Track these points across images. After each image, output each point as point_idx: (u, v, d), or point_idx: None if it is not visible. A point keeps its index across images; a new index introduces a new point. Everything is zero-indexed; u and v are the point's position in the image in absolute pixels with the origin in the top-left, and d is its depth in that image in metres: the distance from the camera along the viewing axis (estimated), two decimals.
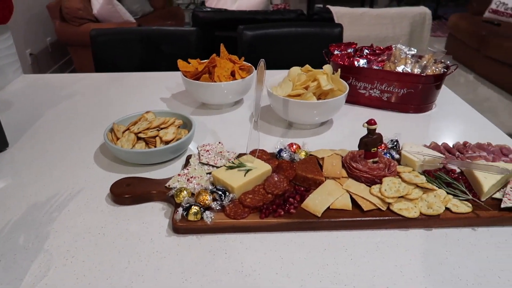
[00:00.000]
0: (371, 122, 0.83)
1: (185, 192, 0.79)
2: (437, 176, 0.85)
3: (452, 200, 0.80)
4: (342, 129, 1.15)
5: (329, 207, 0.78)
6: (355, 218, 0.77)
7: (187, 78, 1.21)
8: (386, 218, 0.77)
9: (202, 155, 0.91)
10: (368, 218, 0.77)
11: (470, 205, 0.79)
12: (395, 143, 0.96)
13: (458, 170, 0.89)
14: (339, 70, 1.15)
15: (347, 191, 0.81)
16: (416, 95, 1.20)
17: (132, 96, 1.40)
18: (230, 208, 0.78)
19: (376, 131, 0.85)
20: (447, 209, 0.78)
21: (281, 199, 0.81)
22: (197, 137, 1.10)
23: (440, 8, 6.65)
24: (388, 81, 1.21)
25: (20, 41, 3.54)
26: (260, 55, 1.92)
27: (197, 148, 0.94)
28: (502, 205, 0.78)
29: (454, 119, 1.20)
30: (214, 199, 0.80)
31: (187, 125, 1.06)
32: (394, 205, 0.78)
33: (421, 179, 0.82)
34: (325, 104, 1.05)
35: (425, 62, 1.26)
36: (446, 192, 0.81)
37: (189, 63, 1.25)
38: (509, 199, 0.78)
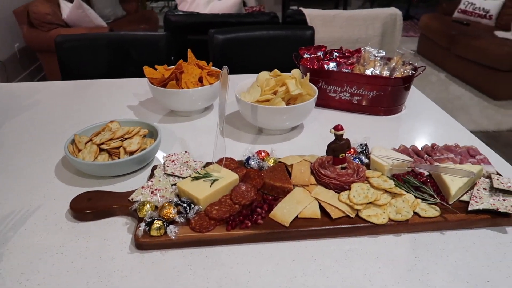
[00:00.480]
0: (338, 128, 0.81)
1: (148, 205, 0.76)
2: (406, 180, 0.84)
3: (420, 204, 0.79)
4: (312, 133, 1.14)
5: (297, 216, 0.77)
6: (323, 226, 0.75)
7: (154, 85, 1.18)
8: (355, 226, 0.75)
9: (167, 166, 0.88)
10: (337, 226, 0.75)
11: (438, 208, 0.78)
12: (364, 147, 0.95)
13: (426, 173, 0.89)
14: (308, 74, 1.14)
15: (316, 198, 0.80)
16: (385, 98, 1.20)
17: (97, 104, 1.35)
18: (196, 221, 0.75)
19: (344, 136, 0.84)
20: (415, 213, 0.78)
21: (249, 210, 0.78)
22: (165, 146, 1.07)
23: (411, 9, 6.78)
24: (357, 84, 1.20)
25: None
26: (232, 59, 1.90)
27: (163, 159, 0.91)
28: (469, 208, 0.78)
29: (423, 121, 1.21)
30: (179, 212, 0.77)
31: (153, 134, 1.02)
32: (363, 211, 0.77)
33: (390, 184, 0.81)
34: (294, 109, 1.03)
35: (393, 64, 1.27)
36: (415, 196, 0.81)
37: (155, 69, 1.22)
38: (476, 202, 0.78)
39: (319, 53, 1.33)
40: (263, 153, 0.93)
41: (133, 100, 1.37)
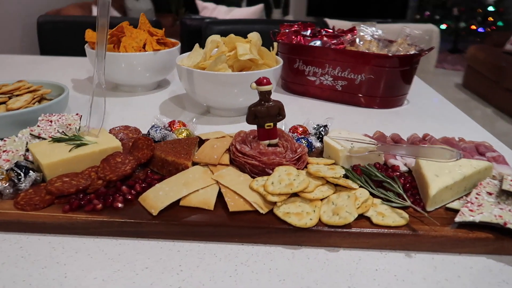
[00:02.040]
0: (261, 81, 0.54)
1: None
2: (365, 171, 0.55)
3: (378, 206, 0.50)
4: (279, 125, 0.87)
5: (178, 203, 0.50)
6: (211, 223, 0.47)
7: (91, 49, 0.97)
8: (262, 227, 0.47)
9: (38, 126, 0.65)
10: (233, 225, 0.47)
11: (406, 216, 0.48)
12: (321, 129, 0.67)
13: (404, 169, 0.59)
14: (275, 44, 0.88)
15: (217, 182, 0.53)
16: (378, 84, 0.92)
17: (34, 76, 1.16)
18: (26, 194, 0.50)
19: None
20: (364, 218, 0.48)
21: (115, 189, 0.53)
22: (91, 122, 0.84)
23: (460, 43, 6.36)
24: (341, 63, 0.93)
25: None
26: None
27: (38, 118, 0.68)
28: (457, 219, 0.47)
29: (430, 119, 0.89)
30: (11, 180, 0.52)
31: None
32: (280, 207, 0.48)
33: (335, 173, 0.52)
34: (241, 77, 0.77)
35: (396, 47, 0.98)
36: (371, 193, 0.51)
37: None
38: (470, 210, 0.48)
39: (304, 32, 1.07)
40: (176, 124, 0.68)
41: (75, 75, 1.17)
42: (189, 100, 0.96)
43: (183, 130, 0.65)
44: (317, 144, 0.64)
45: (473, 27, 5.82)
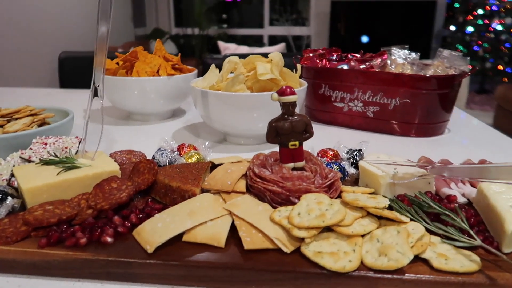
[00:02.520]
0: (284, 91, 0.46)
1: None
2: (415, 202, 0.44)
3: (437, 245, 0.38)
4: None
5: (181, 238, 0.40)
6: (218, 265, 0.37)
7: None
8: (287, 271, 0.36)
9: (31, 149, 0.57)
10: (249, 268, 0.37)
11: (478, 258, 0.36)
12: (355, 154, 0.56)
13: (461, 200, 0.48)
14: (298, 67, 0.81)
15: (230, 213, 0.43)
16: (415, 109, 0.81)
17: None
18: (1, 224, 0.42)
19: (300, 112, 0.48)
20: (421, 260, 0.37)
21: (106, 219, 0.43)
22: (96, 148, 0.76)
23: (487, 83, 6.22)
24: (372, 87, 0.84)
25: None
26: None
27: (32, 141, 0.60)
28: None
29: (477, 147, 0.78)
30: None
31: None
32: (309, 244, 0.38)
33: (378, 202, 0.42)
34: (261, 98, 0.69)
35: (433, 69, 0.89)
36: (427, 229, 0.40)
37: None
38: None
39: (330, 57, 1.00)
40: (186, 148, 0.59)
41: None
42: (205, 128, 0.88)
43: (193, 153, 0.56)
44: (351, 170, 0.53)
45: (500, 67, 5.69)
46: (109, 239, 0.40)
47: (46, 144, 0.58)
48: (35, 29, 2.70)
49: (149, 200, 0.47)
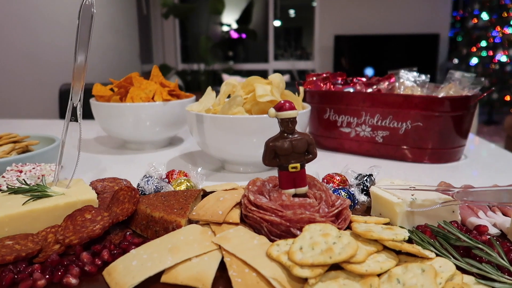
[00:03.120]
0: (283, 106, 0.40)
1: None
2: (439, 233, 0.37)
3: (472, 286, 0.31)
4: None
5: (159, 279, 0.33)
6: None
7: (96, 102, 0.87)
8: None
9: (3, 177, 0.51)
10: None
11: None
12: (365, 180, 0.50)
13: (494, 231, 0.41)
14: (301, 89, 0.76)
15: (220, 248, 0.36)
16: (428, 133, 0.75)
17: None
18: None
19: (301, 131, 0.42)
20: None
21: (74, 256, 0.37)
22: (88, 177, 0.70)
23: (494, 114, 6.17)
24: (381, 110, 0.78)
25: None
26: None
27: (7, 168, 0.54)
28: None
29: (499, 174, 0.71)
30: None
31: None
32: (313, 286, 0.31)
33: (396, 234, 0.35)
34: (260, 122, 0.63)
35: (446, 90, 0.83)
36: (457, 266, 0.33)
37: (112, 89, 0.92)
38: None
39: (335, 81, 0.95)
40: (176, 174, 0.53)
41: (85, 135, 1.07)
42: (203, 156, 0.83)
43: (183, 180, 0.50)
44: (362, 198, 0.47)
45: (507, 97, 5.66)
46: (73, 281, 0.33)
47: (21, 171, 0.53)
48: (38, 61, 2.72)
49: (128, 233, 0.41)
